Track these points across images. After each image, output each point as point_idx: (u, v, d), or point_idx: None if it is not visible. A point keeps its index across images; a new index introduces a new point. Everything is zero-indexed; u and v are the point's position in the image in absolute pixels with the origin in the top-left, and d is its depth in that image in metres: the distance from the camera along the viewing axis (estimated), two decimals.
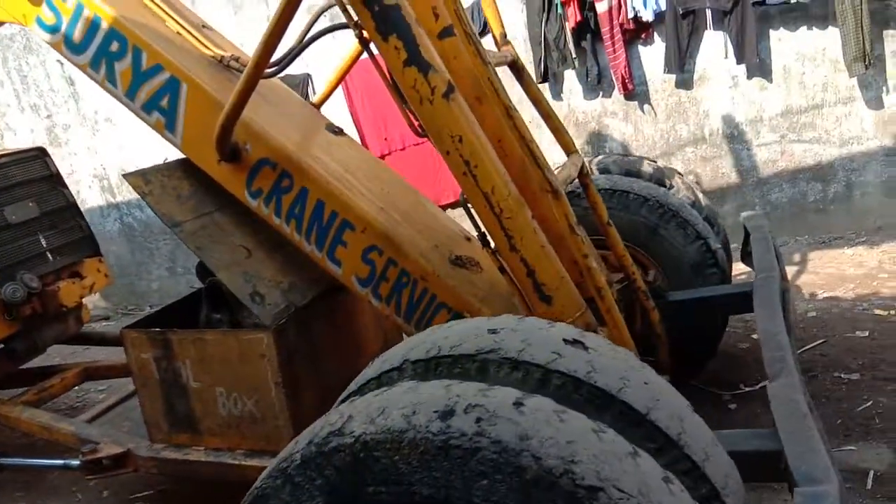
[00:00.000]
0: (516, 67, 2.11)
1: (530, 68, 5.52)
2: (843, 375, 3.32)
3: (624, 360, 1.29)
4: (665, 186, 2.97)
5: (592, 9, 5.20)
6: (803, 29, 4.96)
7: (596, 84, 5.45)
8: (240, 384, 1.88)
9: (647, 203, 2.65)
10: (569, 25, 5.26)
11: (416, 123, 1.86)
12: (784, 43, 5.02)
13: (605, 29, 5.20)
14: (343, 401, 1.38)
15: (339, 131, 2.16)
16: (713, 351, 3.05)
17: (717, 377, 3.32)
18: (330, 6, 1.92)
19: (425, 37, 1.73)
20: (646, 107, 5.46)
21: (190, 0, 6.04)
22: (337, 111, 5.86)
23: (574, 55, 5.37)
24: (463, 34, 1.81)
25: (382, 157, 5.50)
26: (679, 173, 3.20)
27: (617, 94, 5.45)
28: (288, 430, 1.83)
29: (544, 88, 5.62)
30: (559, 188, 1.85)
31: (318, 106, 2.43)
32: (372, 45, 1.77)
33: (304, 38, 1.97)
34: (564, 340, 1.26)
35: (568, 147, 2.20)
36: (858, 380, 3.27)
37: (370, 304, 1.99)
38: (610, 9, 5.14)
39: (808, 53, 4.98)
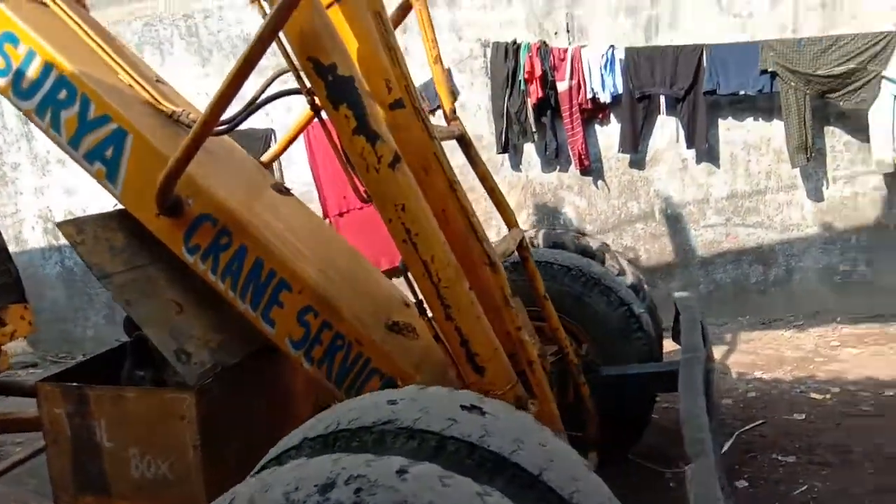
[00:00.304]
0: (464, 142, 2.17)
1: (493, 140, 5.70)
2: (780, 458, 3.36)
3: (521, 423, 1.32)
4: (592, 258, 3.06)
5: (554, 87, 5.42)
6: (750, 120, 5.24)
7: (554, 158, 5.63)
8: (156, 445, 1.80)
9: (570, 272, 2.73)
10: (530, 101, 5.47)
11: (361, 189, 1.88)
12: (732, 132, 5.29)
13: (564, 107, 5.42)
14: (259, 470, 1.36)
15: (285, 191, 2.18)
16: (641, 427, 3.07)
17: (659, 453, 3.32)
18: (285, 71, 1.96)
19: (376, 107, 1.78)
20: (600, 183, 5.64)
21: (160, 53, 6.13)
22: (300, 167, 5.92)
23: (534, 129, 5.56)
24: (412, 108, 1.87)
25: (341, 214, 5.54)
26: (606, 244, 3.33)
27: (573, 169, 5.62)
28: (202, 495, 1.76)
29: (505, 159, 5.79)
30: (497, 261, 1.88)
31: (267, 164, 2.45)
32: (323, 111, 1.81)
33: (255, 99, 2.00)
34: (462, 406, 1.29)
35: (509, 221, 2.25)
36: (795, 462, 3.31)
37: (302, 367, 1.96)
38: (570, 88, 5.37)
39: (753, 143, 5.25)
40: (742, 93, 5.02)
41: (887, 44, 4.63)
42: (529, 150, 5.73)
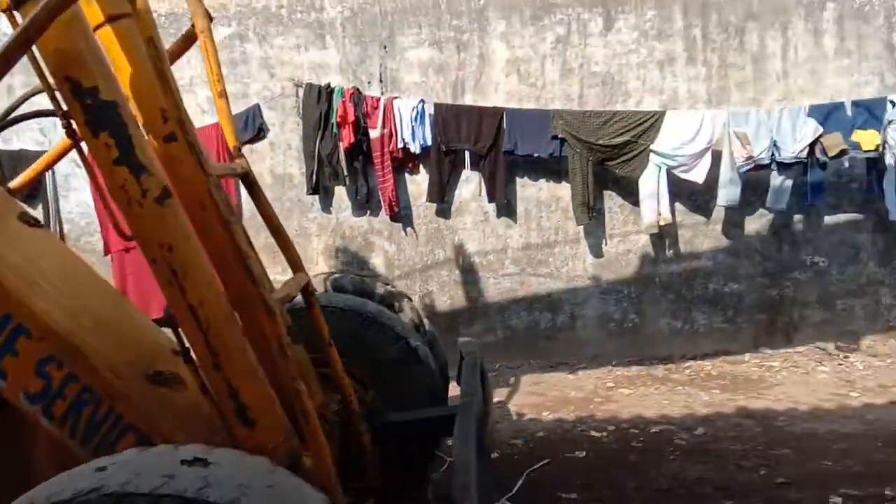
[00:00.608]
0: (248, 181, 2.09)
1: (303, 180, 5.62)
2: (563, 495, 3.56)
3: (252, 469, 1.33)
4: (371, 298, 3.12)
5: (366, 133, 5.51)
6: (543, 180, 5.73)
7: (365, 202, 5.69)
8: None
9: (345, 314, 2.75)
10: (343, 145, 5.50)
11: (122, 225, 1.73)
12: (527, 189, 5.73)
13: (376, 154, 5.52)
14: None
15: (34, 222, 1.92)
16: (424, 471, 3.12)
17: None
18: (38, 92, 1.77)
19: (143, 138, 1.66)
20: (409, 229, 5.79)
21: None
22: (81, 194, 5.36)
23: (346, 173, 5.58)
24: (185, 141, 1.76)
25: (127, 250, 5.06)
26: (378, 274, 3.43)
27: (384, 215, 5.72)
28: None
29: (315, 200, 5.72)
30: (274, 307, 1.81)
31: (15, 191, 2.16)
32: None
33: (2, 119, 1.77)
34: (183, 461, 1.29)
35: (295, 265, 2.19)
36: (576, 499, 3.53)
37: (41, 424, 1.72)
38: (382, 136, 5.49)
39: (545, 201, 5.74)
40: (536, 155, 5.48)
41: (655, 122, 5.34)
42: (341, 192, 5.74)
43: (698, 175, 5.35)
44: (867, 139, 5.08)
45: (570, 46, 5.53)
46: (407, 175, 5.75)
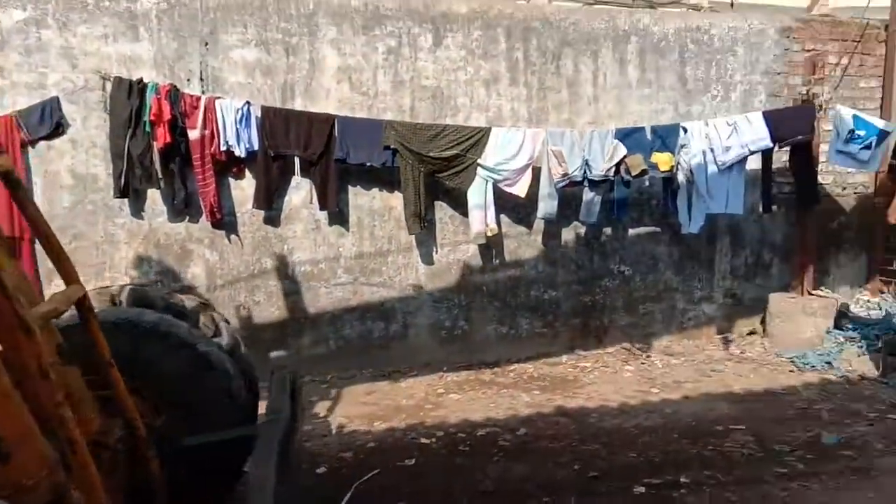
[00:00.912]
0: (10, 180, 1.82)
1: (110, 182, 5.10)
2: None
3: None
4: (154, 308, 2.88)
5: (184, 134, 5.12)
6: (375, 189, 5.71)
7: (183, 208, 5.29)
8: None
9: (118, 328, 2.51)
10: (157, 145, 5.07)
11: None
12: (360, 198, 5.68)
13: (196, 156, 5.15)
14: None
15: None
16: (231, 493, 2.94)
17: None
18: None
19: None
20: (233, 237, 5.48)
21: None
22: None
23: (160, 175, 5.15)
24: None
25: None
26: (159, 280, 3.20)
27: (204, 221, 5.36)
28: None
29: (124, 204, 5.22)
30: (32, 325, 1.58)
31: None
32: None
33: None
34: None
35: (68, 277, 1.94)
36: None
37: None
38: (202, 137, 5.14)
39: (378, 210, 5.73)
40: (368, 164, 5.46)
41: (482, 137, 5.55)
42: (154, 196, 5.29)
43: (521, 189, 5.65)
44: (664, 161, 5.69)
45: (402, 59, 5.59)
46: (231, 180, 5.44)
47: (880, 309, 6.39)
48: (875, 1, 6.59)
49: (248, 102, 5.21)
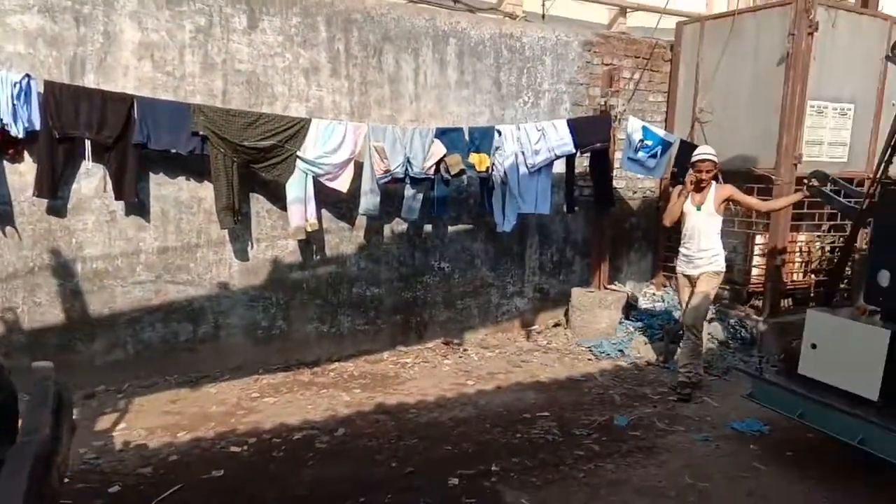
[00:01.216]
0: None
1: None
2: None
3: None
4: None
5: None
6: (182, 178, 5.26)
7: None
8: None
9: None
10: None
11: None
12: (164, 188, 5.20)
13: None
14: None
15: None
16: None
17: None
18: None
19: None
20: (8, 229, 4.75)
21: None
22: None
23: None
24: None
25: None
26: None
27: None
28: None
29: None
30: None
31: None
32: None
33: None
34: None
35: None
36: None
37: None
38: None
39: (185, 201, 5.28)
40: (174, 151, 5.01)
41: (301, 128, 5.34)
42: None
43: (342, 184, 5.54)
44: (480, 161, 5.91)
45: (213, 39, 5.20)
46: (7, 164, 4.70)
47: (663, 301, 7.21)
48: (664, 23, 7.40)
49: (28, 75, 4.53)
